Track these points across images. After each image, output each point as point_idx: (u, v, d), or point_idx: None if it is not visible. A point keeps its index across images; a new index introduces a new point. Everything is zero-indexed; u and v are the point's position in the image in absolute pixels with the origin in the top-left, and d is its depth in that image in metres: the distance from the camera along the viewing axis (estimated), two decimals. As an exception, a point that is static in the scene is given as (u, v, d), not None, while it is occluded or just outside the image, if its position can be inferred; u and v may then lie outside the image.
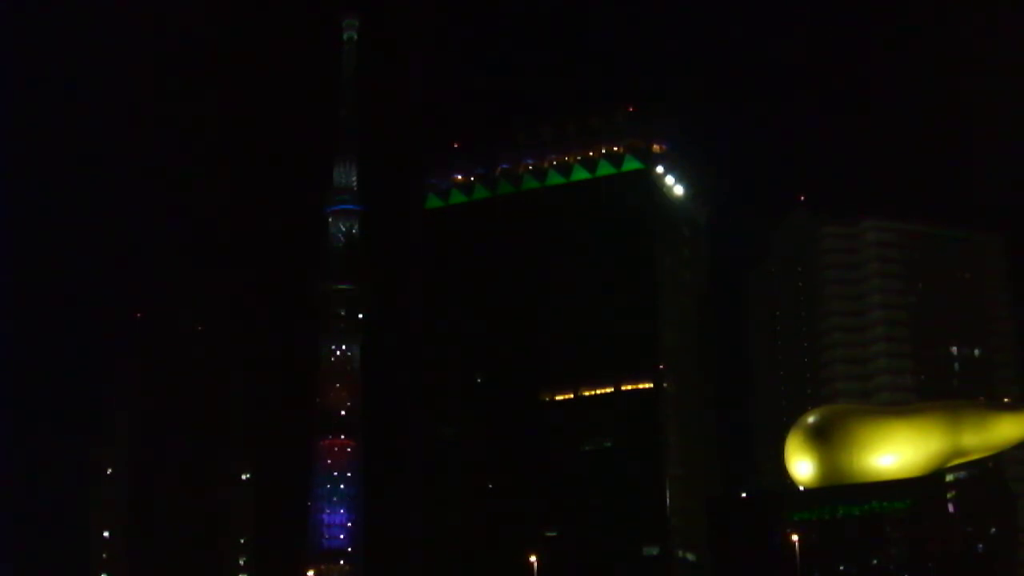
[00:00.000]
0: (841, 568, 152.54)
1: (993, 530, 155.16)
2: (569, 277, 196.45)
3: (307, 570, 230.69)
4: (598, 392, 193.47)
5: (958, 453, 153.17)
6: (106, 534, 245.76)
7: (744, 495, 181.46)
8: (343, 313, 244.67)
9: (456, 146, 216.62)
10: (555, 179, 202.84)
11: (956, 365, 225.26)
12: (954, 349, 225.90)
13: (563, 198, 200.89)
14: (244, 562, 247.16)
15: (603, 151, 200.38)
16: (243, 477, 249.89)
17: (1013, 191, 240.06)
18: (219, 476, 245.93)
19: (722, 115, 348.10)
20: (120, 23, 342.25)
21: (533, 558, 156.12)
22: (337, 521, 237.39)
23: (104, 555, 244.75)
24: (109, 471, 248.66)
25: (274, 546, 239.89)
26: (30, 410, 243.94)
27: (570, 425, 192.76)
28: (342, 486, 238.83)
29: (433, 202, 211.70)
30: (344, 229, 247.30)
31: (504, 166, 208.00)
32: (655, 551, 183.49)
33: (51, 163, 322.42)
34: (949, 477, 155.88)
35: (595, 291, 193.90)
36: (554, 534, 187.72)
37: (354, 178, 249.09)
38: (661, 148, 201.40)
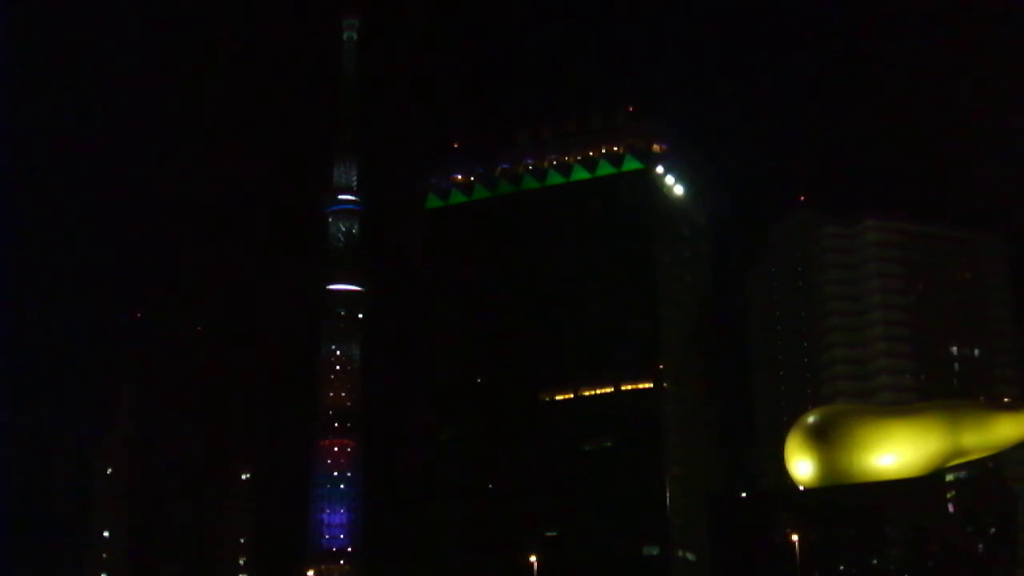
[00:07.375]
0: (841, 568, 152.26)
1: (993, 530, 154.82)
2: (569, 277, 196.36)
3: (307, 570, 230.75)
4: (598, 392, 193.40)
5: (958, 453, 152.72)
6: (106, 534, 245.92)
7: (744, 495, 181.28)
8: (343, 313, 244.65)
9: (456, 146, 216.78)
10: (555, 179, 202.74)
11: (956, 365, 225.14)
12: (954, 349, 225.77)
13: (563, 198, 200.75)
14: (244, 562, 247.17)
15: (603, 151, 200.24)
16: (243, 477, 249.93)
17: (1013, 191, 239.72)
18: (219, 476, 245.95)
19: (722, 115, 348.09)
20: (120, 22, 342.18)
21: (533, 558, 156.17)
22: (337, 521, 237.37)
23: (104, 555, 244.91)
24: (109, 471, 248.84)
25: (274, 546, 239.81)
26: (30, 410, 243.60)
27: (570, 425, 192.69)
28: (342, 486, 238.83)
29: (433, 202, 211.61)
30: (344, 229, 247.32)
31: (504, 166, 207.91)
32: (655, 551, 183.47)
33: (51, 163, 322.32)
34: (949, 477, 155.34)
35: (595, 291, 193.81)
36: (554, 534, 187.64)
37: (354, 178, 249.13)
38: (661, 148, 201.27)
